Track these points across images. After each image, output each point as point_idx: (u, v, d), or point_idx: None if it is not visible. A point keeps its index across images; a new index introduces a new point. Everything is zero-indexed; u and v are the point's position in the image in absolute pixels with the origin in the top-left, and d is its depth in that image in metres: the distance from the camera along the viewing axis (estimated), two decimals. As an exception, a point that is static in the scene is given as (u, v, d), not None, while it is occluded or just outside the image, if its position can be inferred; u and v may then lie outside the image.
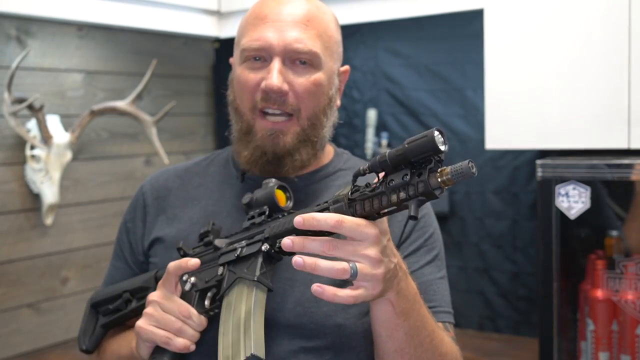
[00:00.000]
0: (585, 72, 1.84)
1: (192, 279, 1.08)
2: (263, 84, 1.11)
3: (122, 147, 2.60)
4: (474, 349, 2.25)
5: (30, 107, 2.11)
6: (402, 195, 0.82)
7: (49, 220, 2.26)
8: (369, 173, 0.87)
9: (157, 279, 1.15)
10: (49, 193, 2.22)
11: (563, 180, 1.79)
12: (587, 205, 1.77)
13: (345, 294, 0.86)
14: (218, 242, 1.09)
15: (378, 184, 0.85)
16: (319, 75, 1.14)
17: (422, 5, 2.31)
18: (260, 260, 0.99)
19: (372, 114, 2.64)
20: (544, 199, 1.81)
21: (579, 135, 1.85)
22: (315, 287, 0.85)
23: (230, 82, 1.20)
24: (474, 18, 2.29)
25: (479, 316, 2.49)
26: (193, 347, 1.03)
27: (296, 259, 0.85)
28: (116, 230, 1.34)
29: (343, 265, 0.85)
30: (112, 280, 1.27)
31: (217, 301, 1.04)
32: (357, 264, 0.85)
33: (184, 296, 1.07)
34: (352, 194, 0.88)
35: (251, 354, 0.94)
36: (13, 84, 2.08)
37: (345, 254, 0.85)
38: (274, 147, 1.12)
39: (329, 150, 1.26)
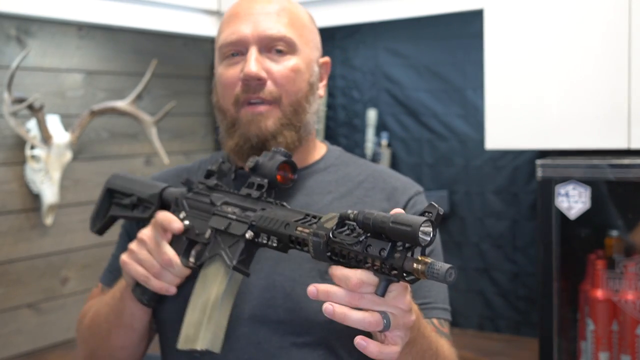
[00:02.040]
0: (585, 72, 1.84)
1: (187, 222, 1.09)
2: (241, 74, 1.13)
3: (122, 147, 2.60)
4: (474, 349, 2.25)
5: (30, 107, 2.11)
6: (376, 266, 0.80)
7: (49, 220, 2.26)
8: (353, 222, 0.84)
9: (161, 197, 1.17)
10: (49, 193, 2.22)
11: (563, 180, 1.79)
12: (587, 205, 1.77)
13: (389, 350, 0.83)
14: (215, 197, 1.08)
15: (358, 240, 0.82)
16: (296, 62, 1.16)
17: (422, 5, 2.31)
18: (242, 246, 0.99)
19: (372, 114, 2.64)
20: (544, 199, 1.81)
21: (579, 135, 1.85)
22: (360, 340, 0.82)
23: (214, 85, 1.23)
24: (474, 18, 2.29)
25: (479, 316, 2.49)
26: (173, 290, 1.05)
27: (326, 306, 0.83)
28: (115, 230, 1.35)
29: (375, 317, 0.81)
30: (112, 269, 1.29)
31: (197, 265, 1.06)
32: (390, 315, 0.83)
33: (175, 239, 1.08)
34: (333, 233, 0.85)
35: (206, 349, 0.97)
36: (13, 84, 2.08)
37: (373, 305, 0.82)
38: (256, 131, 1.13)
39: (322, 147, 1.27)
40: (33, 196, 2.27)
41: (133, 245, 1.08)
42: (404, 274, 0.78)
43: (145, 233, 1.07)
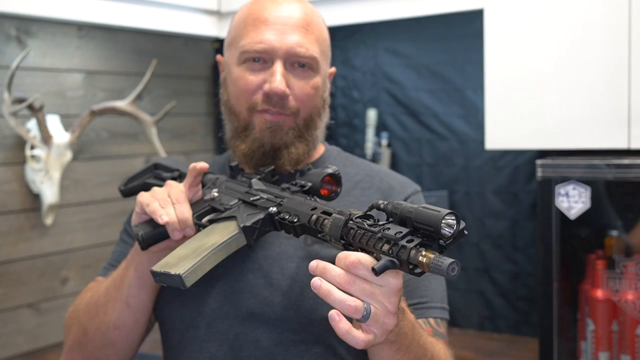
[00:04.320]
0: (585, 72, 1.84)
1: (215, 193, 1.10)
2: (266, 87, 1.12)
3: (122, 147, 2.60)
4: (474, 349, 2.25)
5: (30, 107, 2.11)
6: (385, 247, 0.80)
7: (49, 220, 2.26)
8: (382, 211, 0.85)
9: (202, 176, 1.17)
10: (49, 193, 2.22)
11: (563, 180, 1.79)
12: (587, 205, 1.77)
13: (358, 335, 0.83)
14: (255, 183, 1.10)
15: (378, 225, 0.84)
16: (317, 80, 1.17)
17: (422, 5, 2.31)
18: (261, 216, 1.00)
19: (372, 114, 2.64)
20: (544, 199, 1.81)
21: (579, 135, 1.85)
22: (334, 313, 0.82)
23: (223, 81, 1.22)
24: (474, 18, 2.29)
25: (479, 316, 2.49)
26: (165, 218, 1.03)
27: (315, 280, 0.84)
28: (116, 230, 1.35)
29: (357, 303, 0.81)
30: (113, 263, 1.28)
31: (208, 222, 1.07)
32: (372, 307, 0.82)
33: (199, 201, 1.10)
34: (356, 218, 0.87)
35: (179, 274, 0.96)
36: (13, 84, 2.08)
37: (361, 293, 0.82)
38: (272, 139, 1.14)
39: (319, 147, 1.28)
40: (33, 196, 2.27)
41: (156, 187, 1.09)
42: (409, 263, 0.78)
43: (173, 181, 1.10)
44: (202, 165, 1.07)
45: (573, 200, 1.78)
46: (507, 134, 1.96)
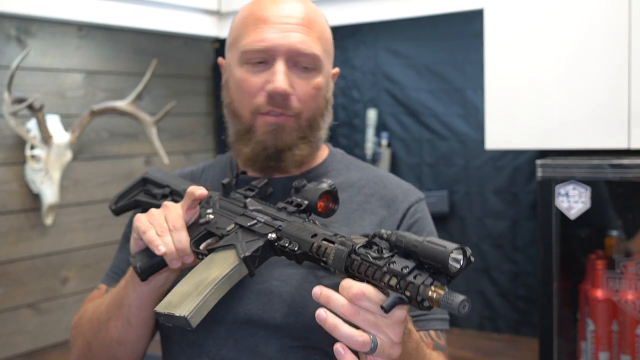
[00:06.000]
0: (585, 72, 1.84)
1: (211, 216, 1.09)
2: (269, 87, 1.10)
3: (122, 147, 2.60)
4: (474, 349, 2.25)
5: (30, 107, 2.11)
6: (392, 282, 0.80)
7: (49, 220, 2.26)
8: (385, 241, 0.84)
9: None
10: (49, 193, 2.22)
11: (563, 180, 1.79)
12: (587, 205, 1.77)
13: None
14: (250, 203, 1.08)
15: (383, 257, 0.83)
16: (319, 79, 1.15)
17: (422, 5, 2.31)
18: (260, 244, 0.99)
19: (372, 114, 2.64)
20: (544, 199, 1.81)
21: (579, 135, 1.85)
22: (339, 347, 0.82)
23: (225, 84, 1.20)
24: (474, 18, 2.29)
25: (479, 316, 2.49)
26: (162, 249, 1.01)
27: (320, 312, 0.83)
28: (116, 230, 1.35)
29: (364, 338, 0.80)
30: (115, 270, 1.28)
31: (206, 251, 1.05)
32: (378, 339, 0.82)
33: (195, 225, 1.08)
34: (359, 248, 0.86)
35: (184, 317, 0.94)
36: (13, 84, 2.08)
37: (365, 324, 0.81)
38: (275, 141, 1.13)
39: (323, 150, 1.26)
40: (33, 196, 2.27)
41: (153, 209, 1.07)
42: (417, 298, 0.78)
43: (170, 203, 1.07)
44: (201, 192, 1.05)
45: (573, 200, 1.78)
46: (507, 134, 1.96)
